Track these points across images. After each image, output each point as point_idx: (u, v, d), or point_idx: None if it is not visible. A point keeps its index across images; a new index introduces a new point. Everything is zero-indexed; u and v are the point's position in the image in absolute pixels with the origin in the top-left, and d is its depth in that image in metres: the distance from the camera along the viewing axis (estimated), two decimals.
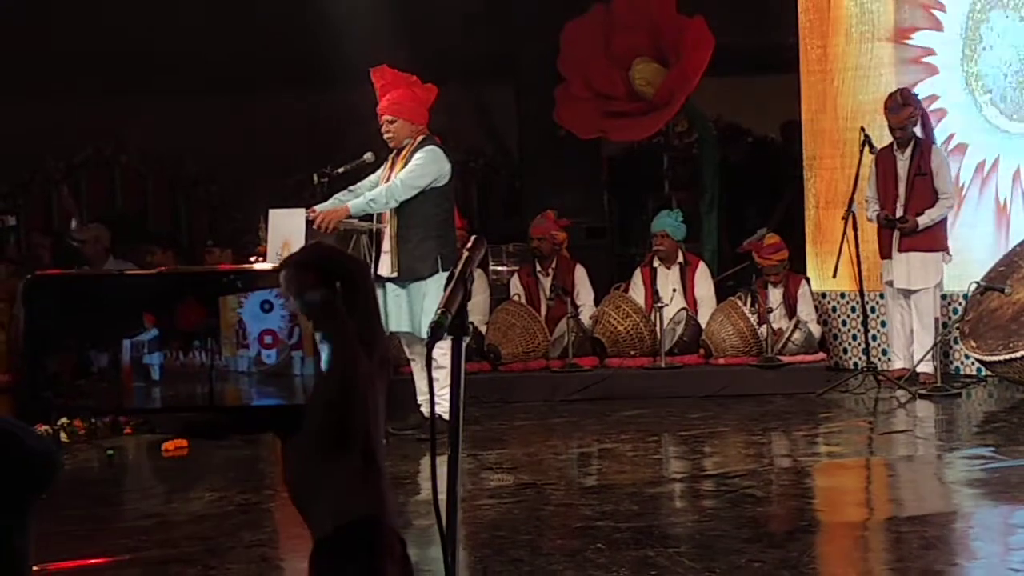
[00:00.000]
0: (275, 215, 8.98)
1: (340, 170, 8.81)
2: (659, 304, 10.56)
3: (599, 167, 14.28)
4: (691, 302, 10.89)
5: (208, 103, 14.34)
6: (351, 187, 8.75)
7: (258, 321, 0.92)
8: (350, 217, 8.46)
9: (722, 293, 11.22)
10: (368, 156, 8.86)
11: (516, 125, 14.41)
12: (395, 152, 8.74)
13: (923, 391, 9.73)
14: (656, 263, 11.02)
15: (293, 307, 0.93)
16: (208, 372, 0.91)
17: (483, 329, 10.62)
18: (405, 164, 8.53)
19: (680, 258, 11.06)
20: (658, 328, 10.50)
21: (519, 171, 14.68)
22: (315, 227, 8.39)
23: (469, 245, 2.25)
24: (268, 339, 0.92)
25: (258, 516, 7.06)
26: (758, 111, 14.43)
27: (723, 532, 6.04)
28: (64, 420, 8.96)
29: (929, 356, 9.97)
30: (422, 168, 8.46)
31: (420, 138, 8.64)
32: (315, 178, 8.75)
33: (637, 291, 10.95)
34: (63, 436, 8.92)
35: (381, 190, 8.47)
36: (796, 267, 11.19)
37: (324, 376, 0.90)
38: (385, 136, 8.69)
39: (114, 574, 5.71)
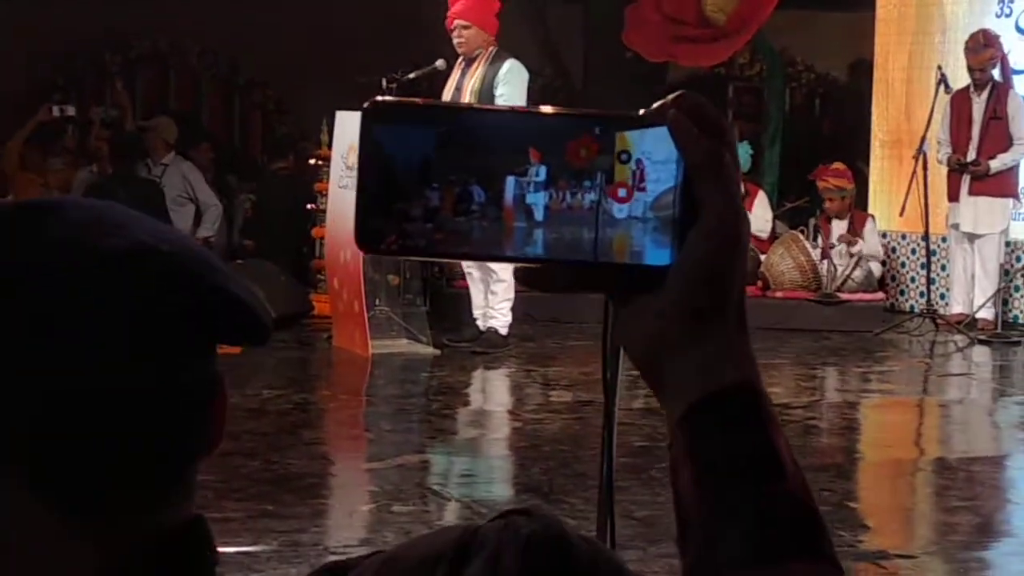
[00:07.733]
0: (343, 117, 8.88)
1: (411, 75, 8.70)
2: None
3: (663, 92, 14.07)
4: None
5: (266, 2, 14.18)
6: None
7: (650, 164, 0.83)
8: None
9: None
10: (440, 63, 8.73)
11: (582, 45, 14.23)
12: (465, 62, 8.59)
13: (982, 337, 9.62)
14: None
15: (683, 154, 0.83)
16: (595, 216, 0.82)
17: None
18: (483, 78, 8.36)
19: (740, 188, 10.93)
20: None
21: (582, 92, 14.52)
22: None
23: None
24: (622, 192, 0.83)
25: (316, 415, 7.06)
26: (828, 47, 14.20)
27: None
28: None
29: (990, 302, 9.85)
30: (516, 87, 8.31)
31: (492, 50, 8.50)
32: (383, 83, 8.62)
33: None
34: None
35: None
36: (859, 205, 11.04)
37: (708, 231, 0.81)
38: (456, 42, 8.52)
39: None
